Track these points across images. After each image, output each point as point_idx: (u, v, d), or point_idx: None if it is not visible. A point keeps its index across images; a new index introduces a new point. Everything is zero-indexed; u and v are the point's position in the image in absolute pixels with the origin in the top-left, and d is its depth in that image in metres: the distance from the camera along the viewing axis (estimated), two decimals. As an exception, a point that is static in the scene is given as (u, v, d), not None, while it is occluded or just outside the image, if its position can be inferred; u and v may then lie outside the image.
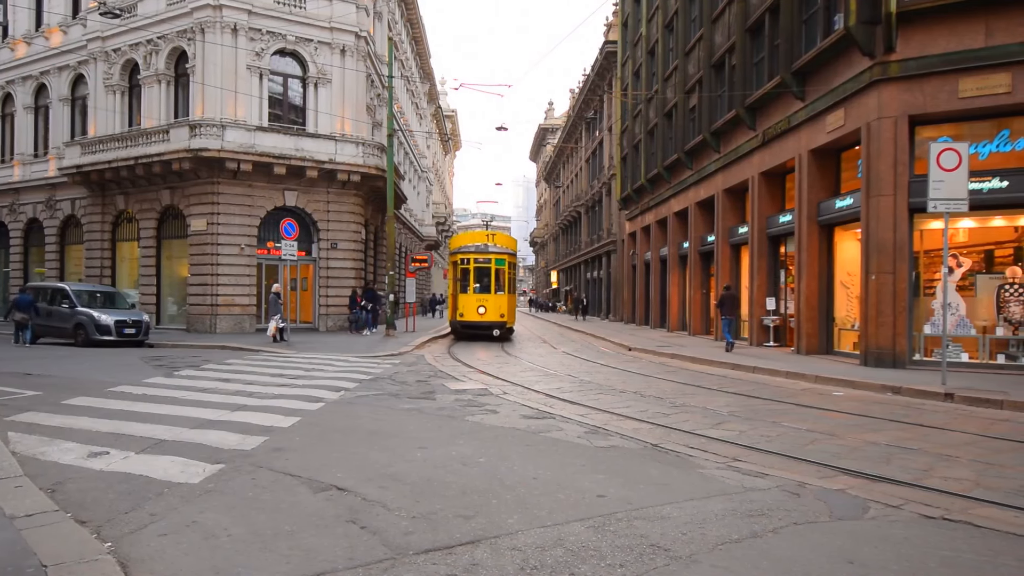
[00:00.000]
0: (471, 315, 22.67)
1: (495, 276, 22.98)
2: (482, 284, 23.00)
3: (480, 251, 23.24)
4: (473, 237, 24.95)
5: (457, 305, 23.25)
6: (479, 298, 22.75)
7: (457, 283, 23.46)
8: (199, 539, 4.03)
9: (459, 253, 23.56)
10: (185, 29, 23.80)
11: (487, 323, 22.62)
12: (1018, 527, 4.49)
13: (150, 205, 24.94)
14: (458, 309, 23.01)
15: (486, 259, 23.09)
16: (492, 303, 22.67)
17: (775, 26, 18.45)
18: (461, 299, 22.96)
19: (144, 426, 7.24)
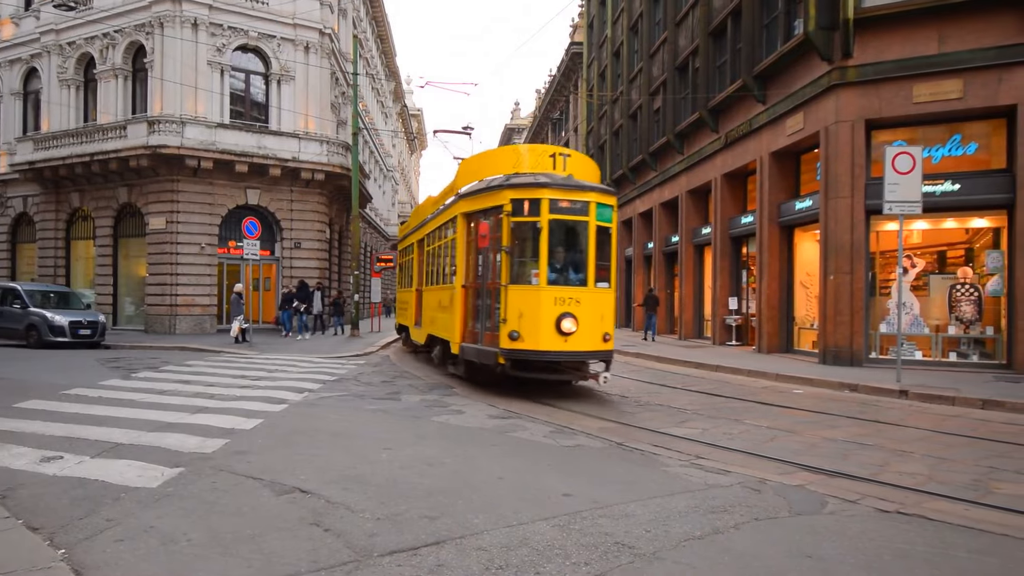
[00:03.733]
0: (543, 337, 9.34)
1: (596, 246, 9.76)
2: (568, 265, 9.77)
3: (562, 187, 9.62)
4: (513, 157, 11.17)
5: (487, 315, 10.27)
6: (562, 297, 9.44)
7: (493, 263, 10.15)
8: (157, 545, 3.95)
9: (496, 192, 10.00)
10: (143, 23, 23.24)
11: (579, 355, 9.68)
12: (969, 520, 4.63)
13: (106, 203, 24.31)
14: (505, 324, 9.55)
15: (579, 205, 9.67)
16: (588, 309, 9.57)
17: (737, 30, 18.76)
18: (515, 299, 9.55)
19: (100, 429, 7.05)
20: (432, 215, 13.73)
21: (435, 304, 12.88)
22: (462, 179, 11.60)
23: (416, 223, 16.28)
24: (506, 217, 9.58)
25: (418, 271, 15.45)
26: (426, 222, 14.37)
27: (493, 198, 9.98)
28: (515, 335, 9.33)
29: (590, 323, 9.47)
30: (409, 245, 17.38)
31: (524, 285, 9.48)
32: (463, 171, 11.69)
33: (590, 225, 9.63)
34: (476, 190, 10.54)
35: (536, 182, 9.56)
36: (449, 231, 11.94)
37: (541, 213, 9.39)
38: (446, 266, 12.17)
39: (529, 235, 9.62)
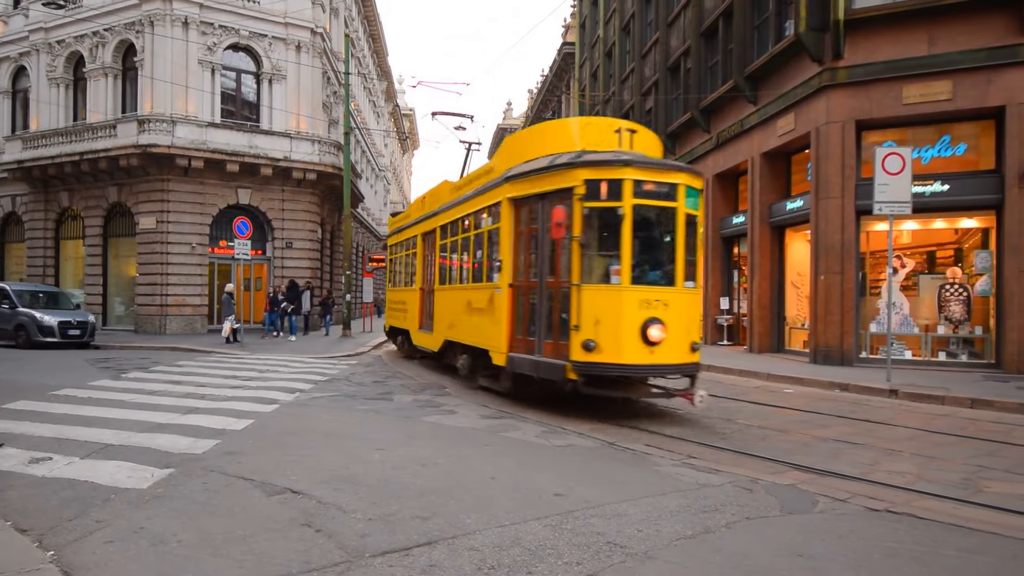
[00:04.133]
0: (625, 347, 7.85)
1: (684, 238, 8.37)
2: (653, 260, 8.45)
3: (647, 166, 8.14)
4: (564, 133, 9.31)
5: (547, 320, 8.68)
6: (647, 299, 7.98)
7: (556, 257, 8.58)
8: (147, 546, 3.92)
9: (564, 172, 8.31)
10: (133, 21, 23.10)
11: (666, 369, 8.31)
12: (958, 518, 4.66)
13: (96, 202, 24.15)
14: (578, 332, 7.98)
15: (666, 188, 8.21)
16: (677, 313, 8.15)
17: (728, 31, 18.82)
18: (591, 302, 7.98)
19: (90, 430, 7.01)
20: (452, 203, 11.82)
21: (460, 306, 11.08)
22: (505, 159, 9.79)
23: (419, 214, 14.45)
24: (578, 202, 7.95)
25: (424, 268, 13.92)
26: (437, 212, 12.68)
27: (559, 179, 8.26)
28: (591, 345, 7.75)
29: (678, 330, 7.99)
30: (407, 240, 15.60)
31: (601, 285, 7.95)
32: (508, 150, 9.98)
33: (678, 212, 8.16)
34: (532, 171, 8.73)
35: (618, 159, 8.01)
36: (485, 220, 10.25)
37: (623, 197, 7.84)
38: (479, 261, 10.57)
39: (607, 224, 8.05)
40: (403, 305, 15.70)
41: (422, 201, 14.74)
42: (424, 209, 14.18)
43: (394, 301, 17.30)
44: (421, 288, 13.90)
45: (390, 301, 18.17)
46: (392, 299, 17.74)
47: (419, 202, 15.14)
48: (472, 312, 10.49)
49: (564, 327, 8.16)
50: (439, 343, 12.29)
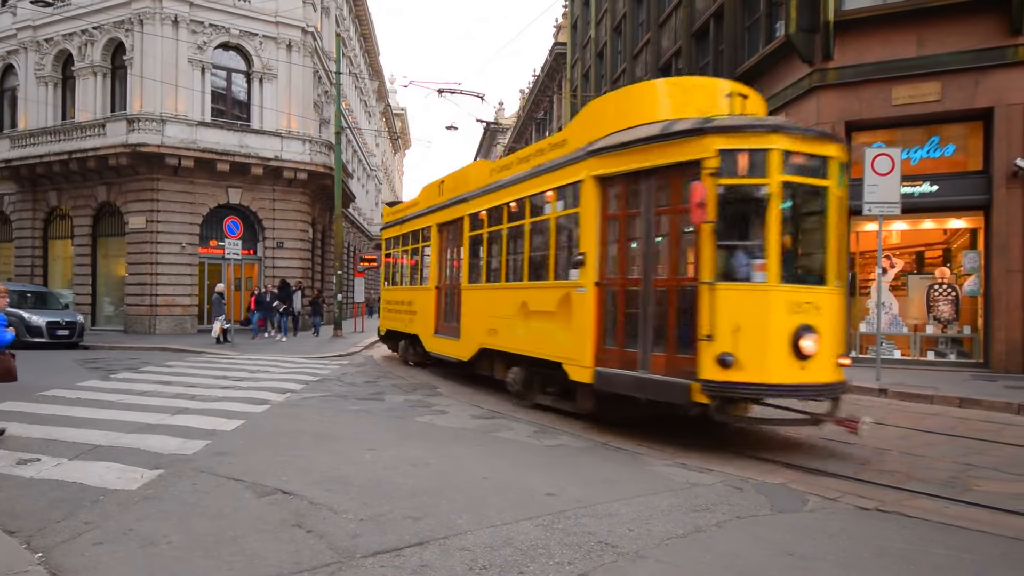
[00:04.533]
0: (772, 362, 6.27)
1: (836, 226, 6.73)
2: (801, 253, 7.04)
3: (797, 134, 6.54)
4: (653, 97, 7.83)
5: (656, 327, 7.09)
6: (798, 302, 6.40)
7: (672, 248, 7.14)
8: (136, 547, 3.90)
9: (686, 140, 6.70)
10: (123, 20, 22.95)
11: (818, 389, 6.59)
12: (947, 517, 4.70)
13: (85, 202, 23.98)
14: (712, 342, 6.31)
15: (817, 163, 6.63)
16: (828, 319, 6.55)
17: (719, 32, 18.88)
18: (728, 305, 6.34)
19: (78, 431, 6.97)
20: (492, 186, 10.22)
21: (507, 308, 9.39)
22: (584, 130, 8.11)
23: (434, 202, 12.76)
24: (710, 178, 6.27)
25: (442, 263, 12.44)
26: (467, 198, 11.07)
27: (676, 149, 6.63)
28: (728, 360, 6.14)
29: (829, 340, 6.45)
30: (414, 232, 13.90)
31: (741, 284, 6.35)
32: (588, 119, 8.23)
33: (830, 193, 6.60)
34: (635, 141, 7.04)
35: (762, 124, 6.53)
36: (550, 204, 8.60)
37: (769, 172, 6.30)
38: (540, 255, 8.94)
39: (747, 206, 6.48)
40: (408, 306, 14.09)
41: (439, 187, 12.87)
42: (442, 196, 12.49)
43: (394, 302, 15.36)
44: (438, 287, 12.42)
45: (388, 301, 16.08)
46: (391, 299, 15.73)
47: (433, 189, 13.24)
48: (529, 316, 8.82)
49: (684, 337, 6.61)
50: (470, 351, 10.66)
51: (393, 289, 15.85)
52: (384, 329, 16.33)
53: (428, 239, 13.04)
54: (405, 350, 14.63)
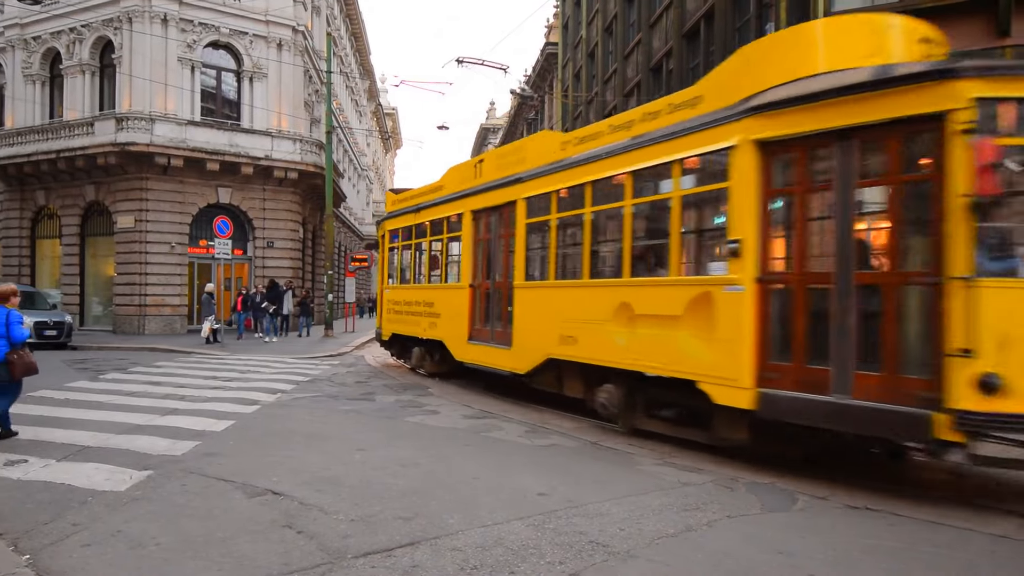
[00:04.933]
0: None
1: None
2: None
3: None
4: (810, 39, 6.39)
5: (856, 338, 5.38)
6: None
7: (892, 233, 5.52)
8: (125, 549, 3.88)
9: (924, 86, 5.09)
10: (111, 18, 22.79)
11: None
12: (936, 515, 4.73)
13: (73, 201, 23.79)
14: (972, 359, 4.72)
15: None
16: None
17: (710, 33, 18.94)
18: (994, 309, 4.74)
19: (66, 432, 6.92)
20: (560, 164, 8.54)
21: (603, 311, 7.65)
22: (727, 86, 6.53)
23: (468, 185, 11.01)
24: (959, 137, 4.89)
25: (480, 257, 10.73)
26: (522, 178, 9.30)
27: (902, 100, 5.19)
28: (993, 383, 4.66)
29: None
30: (434, 221, 12.06)
31: (1013, 280, 4.89)
32: (735, 71, 6.62)
33: None
34: (831, 89, 5.52)
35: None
36: (671, 180, 6.87)
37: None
38: (654, 244, 7.48)
39: (1017, 175, 5.08)
40: (426, 308, 12.11)
41: (474, 168, 11.11)
42: (480, 177, 10.75)
43: (404, 302, 13.22)
44: (472, 285, 10.63)
45: (394, 302, 13.82)
46: (398, 300, 13.60)
47: (465, 170, 11.54)
48: (635, 321, 7.20)
49: (913, 351, 5.23)
50: (530, 362, 8.90)
51: (401, 288, 13.65)
52: (387, 333, 14.08)
53: (457, 229, 11.27)
54: (420, 359, 12.69)
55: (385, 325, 14.31)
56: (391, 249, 14.47)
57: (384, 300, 14.51)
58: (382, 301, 14.84)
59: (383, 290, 14.88)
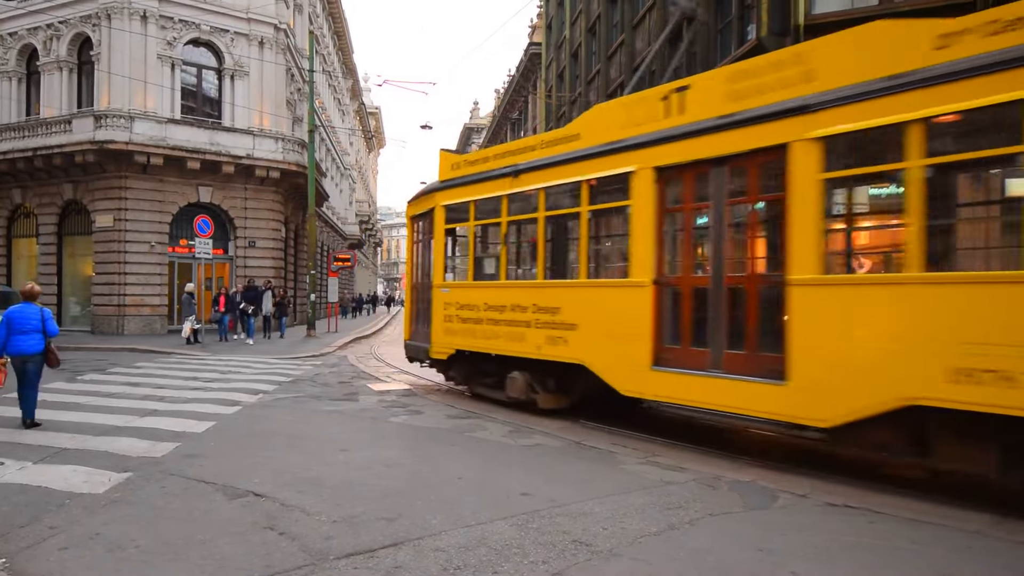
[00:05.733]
0: None
1: None
2: None
3: None
4: None
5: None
6: None
7: None
8: (103, 552, 3.83)
9: None
10: (90, 14, 22.49)
11: None
12: (915, 512, 4.80)
13: (50, 199, 23.45)
14: None
15: None
16: None
17: (693, 34, 19.05)
18: None
19: (43, 434, 6.82)
20: (925, 74, 5.29)
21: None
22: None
23: (645, 132, 7.47)
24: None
25: (679, 241, 7.51)
26: (811, 105, 5.97)
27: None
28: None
29: None
30: (557, 188, 8.50)
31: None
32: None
33: None
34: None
35: None
36: None
37: None
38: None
39: None
40: (542, 315, 8.45)
41: (666, 102, 7.43)
42: (684, 114, 7.16)
43: (488, 306, 9.32)
44: (660, 281, 7.25)
45: (460, 305, 9.83)
46: (472, 302, 9.63)
47: (642, 106, 7.75)
48: None
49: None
50: (854, 407, 5.48)
51: (476, 286, 9.82)
52: (445, 349, 10.04)
53: (615, 196, 7.99)
54: (525, 388, 8.82)
55: (439, 337, 10.11)
56: (449, 232, 10.49)
57: (436, 303, 10.27)
58: (419, 303, 11.12)
59: (419, 288, 11.06)
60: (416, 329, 11.18)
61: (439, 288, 10.21)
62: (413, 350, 11.21)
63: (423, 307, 10.82)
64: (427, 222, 10.78)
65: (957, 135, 5.55)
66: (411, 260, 11.63)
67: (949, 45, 5.27)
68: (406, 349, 11.54)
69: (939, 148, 5.33)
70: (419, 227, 11.31)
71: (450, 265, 10.69)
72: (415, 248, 11.48)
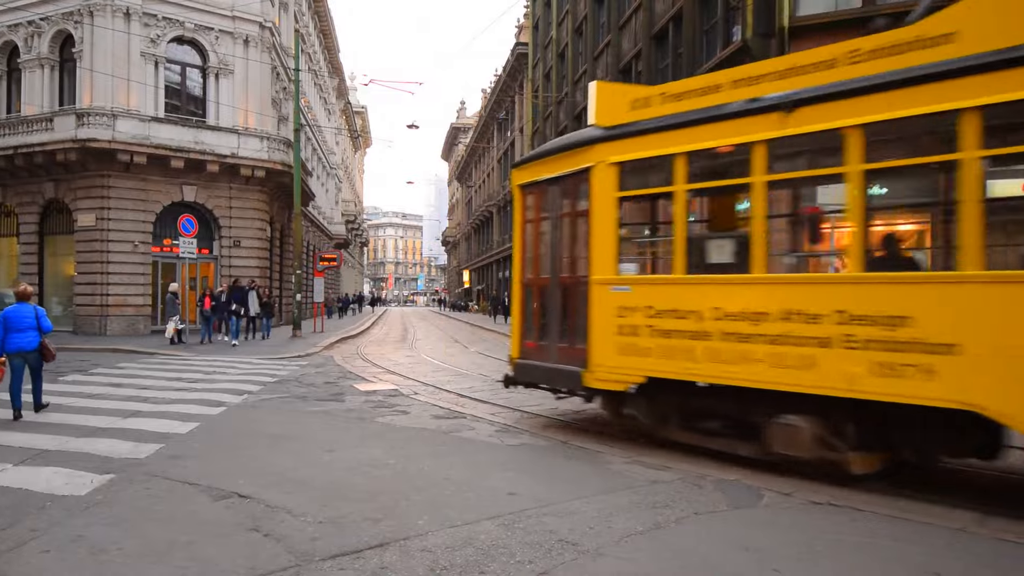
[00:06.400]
0: None
1: None
2: None
3: None
4: None
5: None
6: None
7: None
8: (85, 554, 3.79)
9: None
10: (72, 11, 22.24)
11: None
12: (896, 510, 4.85)
13: (32, 198, 23.17)
14: None
15: None
16: None
17: (679, 35, 19.15)
18: None
19: (24, 436, 6.74)
20: None
21: None
22: None
23: None
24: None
25: None
26: None
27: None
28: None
29: None
30: (902, 124, 5.32)
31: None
32: None
33: None
34: None
35: None
36: None
37: None
38: None
39: None
40: (877, 328, 5.26)
41: None
42: None
43: (729, 314, 6.16)
44: None
45: (660, 311, 6.66)
46: (690, 306, 6.47)
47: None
48: None
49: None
50: None
51: (700, 282, 6.54)
52: (623, 375, 6.81)
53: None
54: (814, 441, 5.65)
55: (608, 357, 6.89)
56: (625, 200, 7.40)
57: (599, 307, 7.00)
58: (547, 306, 7.90)
59: (547, 286, 7.88)
60: (542, 345, 7.81)
61: (605, 285, 6.95)
62: (537, 374, 7.79)
63: (558, 312, 7.62)
64: (569, 190, 7.62)
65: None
66: (522, 246, 8.31)
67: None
68: (517, 371, 8.00)
69: None
70: (546, 199, 7.98)
71: (628, 252, 7.82)
72: (530, 229, 8.29)
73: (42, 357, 8.00)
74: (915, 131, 5.68)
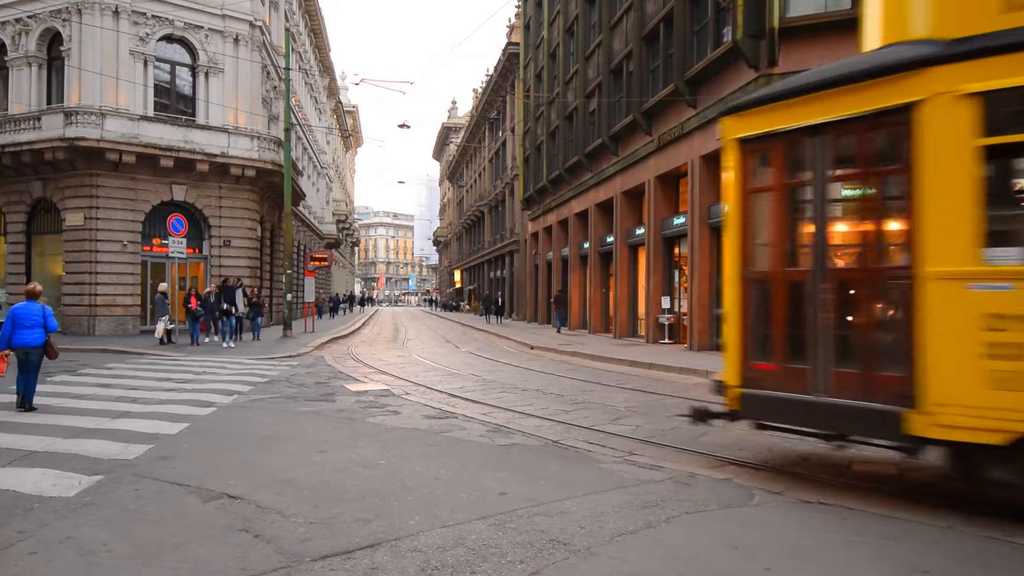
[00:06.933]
0: None
1: None
2: None
3: None
4: None
5: None
6: None
7: None
8: (74, 556, 3.77)
9: None
10: (60, 9, 22.05)
11: None
12: (886, 508, 4.88)
13: (19, 197, 22.98)
14: None
15: None
16: None
17: (669, 35, 19.19)
18: None
19: (11, 437, 6.68)
20: None
21: None
22: None
23: None
24: None
25: None
26: None
27: None
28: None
29: None
30: None
31: None
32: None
33: None
34: None
35: None
36: None
37: None
38: None
39: None
40: None
41: None
42: None
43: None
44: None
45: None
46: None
47: None
48: None
49: None
50: None
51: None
52: (998, 422, 4.32)
53: None
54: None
55: (966, 394, 4.47)
56: (991, 151, 4.59)
57: (938, 315, 4.56)
58: (798, 313, 5.44)
59: (807, 282, 5.36)
60: (794, 369, 5.38)
61: (957, 281, 4.53)
62: (790, 410, 5.42)
63: (832, 321, 5.16)
64: (858, 139, 5.23)
65: None
66: (744, 226, 5.89)
67: None
68: (747, 405, 5.67)
69: None
70: (801, 155, 5.45)
71: (1000, 230, 4.87)
72: (766, 201, 5.86)
73: (45, 354, 8.40)
74: None
